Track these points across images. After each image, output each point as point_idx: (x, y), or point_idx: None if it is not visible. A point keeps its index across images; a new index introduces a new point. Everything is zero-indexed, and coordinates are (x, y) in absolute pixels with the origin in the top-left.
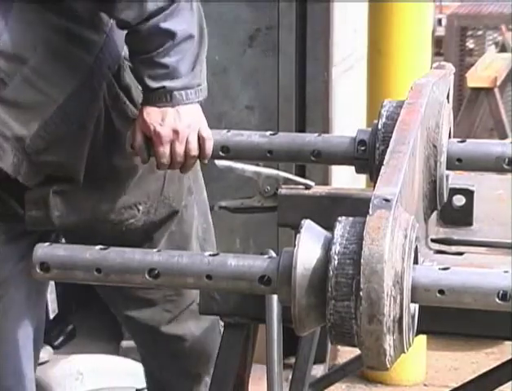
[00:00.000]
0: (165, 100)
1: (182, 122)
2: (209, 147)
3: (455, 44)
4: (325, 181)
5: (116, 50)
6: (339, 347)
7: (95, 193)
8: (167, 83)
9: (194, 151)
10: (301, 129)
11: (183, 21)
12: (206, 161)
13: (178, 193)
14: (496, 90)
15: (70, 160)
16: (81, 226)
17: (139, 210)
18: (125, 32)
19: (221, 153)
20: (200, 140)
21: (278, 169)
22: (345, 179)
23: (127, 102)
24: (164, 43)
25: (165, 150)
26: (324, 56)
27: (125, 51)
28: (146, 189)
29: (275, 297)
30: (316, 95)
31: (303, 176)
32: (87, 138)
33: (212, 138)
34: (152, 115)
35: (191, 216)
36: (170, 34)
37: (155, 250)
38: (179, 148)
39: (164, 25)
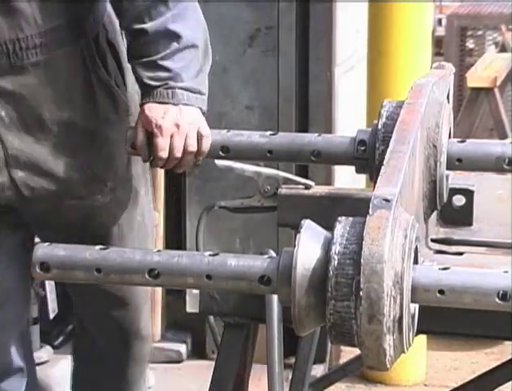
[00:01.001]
0: (166, 97)
1: (183, 118)
2: (206, 145)
3: (455, 44)
4: (328, 181)
5: (99, 16)
6: (342, 347)
7: (66, 158)
8: (170, 82)
9: (193, 146)
10: (303, 129)
11: (189, 27)
12: (201, 159)
13: (139, 175)
14: (496, 90)
15: (38, 91)
16: (50, 201)
17: (106, 185)
18: (127, 35)
19: (221, 153)
20: (199, 136)
21: (278, 169)
22: (347, 179)
23: (102, 69)
24: (169, 45)
25: (165, 142)
26: (326, 56)
27: (105, 20)
28: (114, 165)
29: (275, 297)
30: (319, 95)
31: (306, 176)
32: (59, 77)
33: (210, 136)
34: (154, 109)
35: (148, 206)
36: (176, 36)
37: (155, 250)
38: (179, 142)
39: (171, 26)
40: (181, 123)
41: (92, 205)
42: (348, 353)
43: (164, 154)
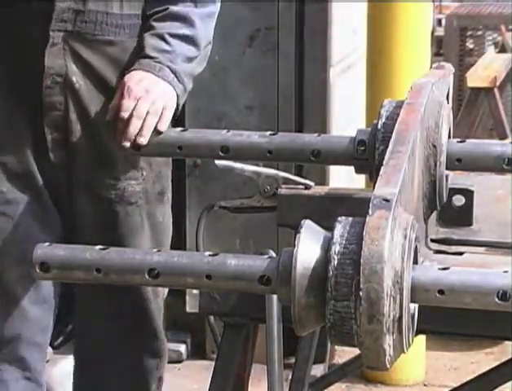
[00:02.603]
0: (153, 68)
1: (156, 87)
2: (168, 116)
3: (455, 44)
4: (322, 181)
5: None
6: (336, 347)
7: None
8: (165, 56)
9: (157, 111)
10: (299, 129)
11: (203, 29)
12: (163, 129)
13: (168, 178)
14: (496, 90)
15: (108, 69)
16: (90, 172)
17: (142, 174)
18: None
19: (221, 153)
20: (163, 109)
21: (278, 169)
22: (342, 179)
23: None
24: (182, 29)
25: (129, 103)
26: (321, 56)
27: None
28: (151, 158)
29: (275, 297)
30: (314, 96)
31: (300, 176)
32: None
33: (172, 111)
34: (133, 75)
35: (169, 209)
36: (191, 24)
37: (155, 250)
38: (143, 106)
39: (191, 15)
40: (152, 90)
41: (125, 190)
42: (348, 353)
43: (125, 114)
